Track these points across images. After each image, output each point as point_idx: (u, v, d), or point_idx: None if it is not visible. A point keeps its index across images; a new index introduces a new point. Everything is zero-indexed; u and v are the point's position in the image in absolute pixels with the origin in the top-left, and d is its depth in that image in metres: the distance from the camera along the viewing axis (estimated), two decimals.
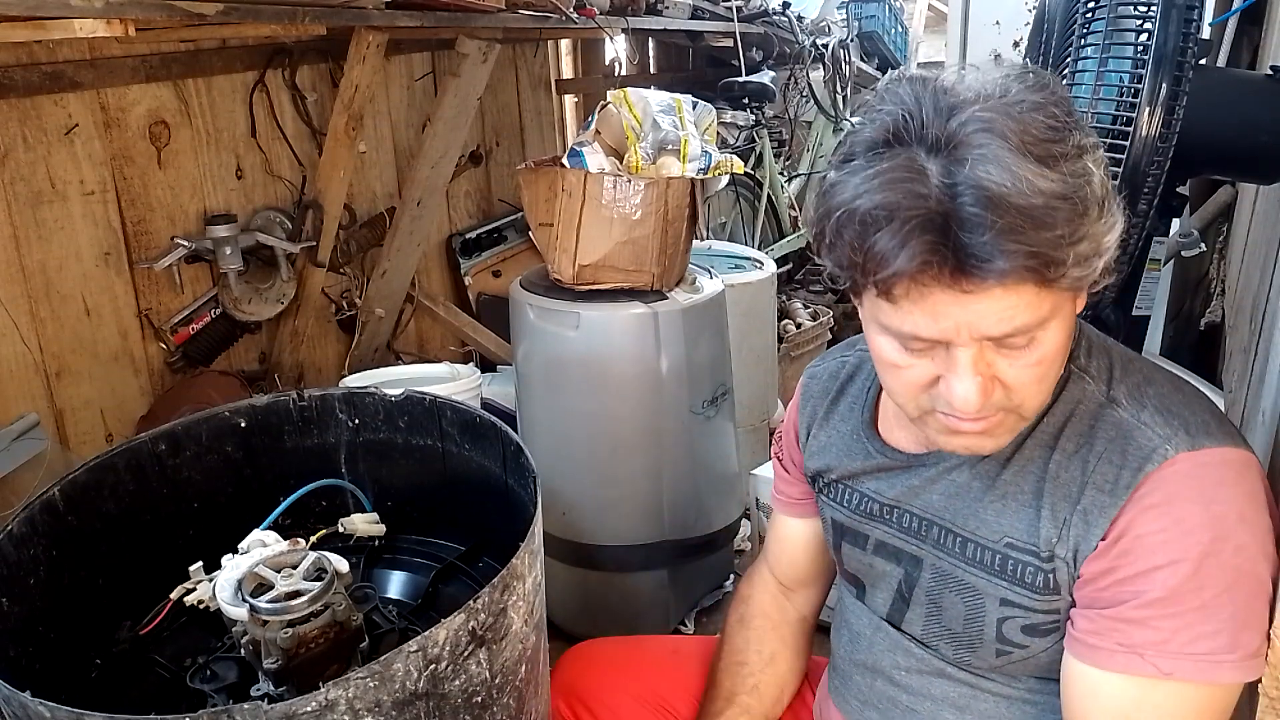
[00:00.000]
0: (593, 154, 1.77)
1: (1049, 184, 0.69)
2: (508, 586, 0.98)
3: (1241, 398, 1.59)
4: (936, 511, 0.92)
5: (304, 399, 1.37)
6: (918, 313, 0.74)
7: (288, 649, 0.99)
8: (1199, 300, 2.75)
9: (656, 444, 1.84)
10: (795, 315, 3.04)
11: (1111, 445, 0.82)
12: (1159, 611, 0.77)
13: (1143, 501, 0.78)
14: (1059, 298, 0.74)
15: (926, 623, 0.94)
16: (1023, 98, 0.72)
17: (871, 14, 4.88)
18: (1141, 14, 1.07)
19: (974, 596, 0.89)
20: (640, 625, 1.95)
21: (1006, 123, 0.70)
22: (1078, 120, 0.74)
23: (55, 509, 1.13)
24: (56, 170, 1.91)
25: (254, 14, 1.77)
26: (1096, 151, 0.74)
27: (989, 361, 0.75)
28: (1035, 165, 0.69)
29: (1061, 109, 0.73)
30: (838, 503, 1.04)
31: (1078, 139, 0.72)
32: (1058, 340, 0.76)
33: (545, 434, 1.89)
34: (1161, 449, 0.79)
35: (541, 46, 3.45)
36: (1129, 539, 0.78)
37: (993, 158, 0.69)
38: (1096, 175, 0.72)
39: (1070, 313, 0.78)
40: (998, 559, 0.86)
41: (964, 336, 0.73)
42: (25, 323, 1.89)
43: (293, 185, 2.42)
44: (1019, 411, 0.80)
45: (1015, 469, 0.86)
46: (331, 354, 2.68)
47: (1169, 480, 0.78)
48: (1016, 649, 0.87)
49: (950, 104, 0.72)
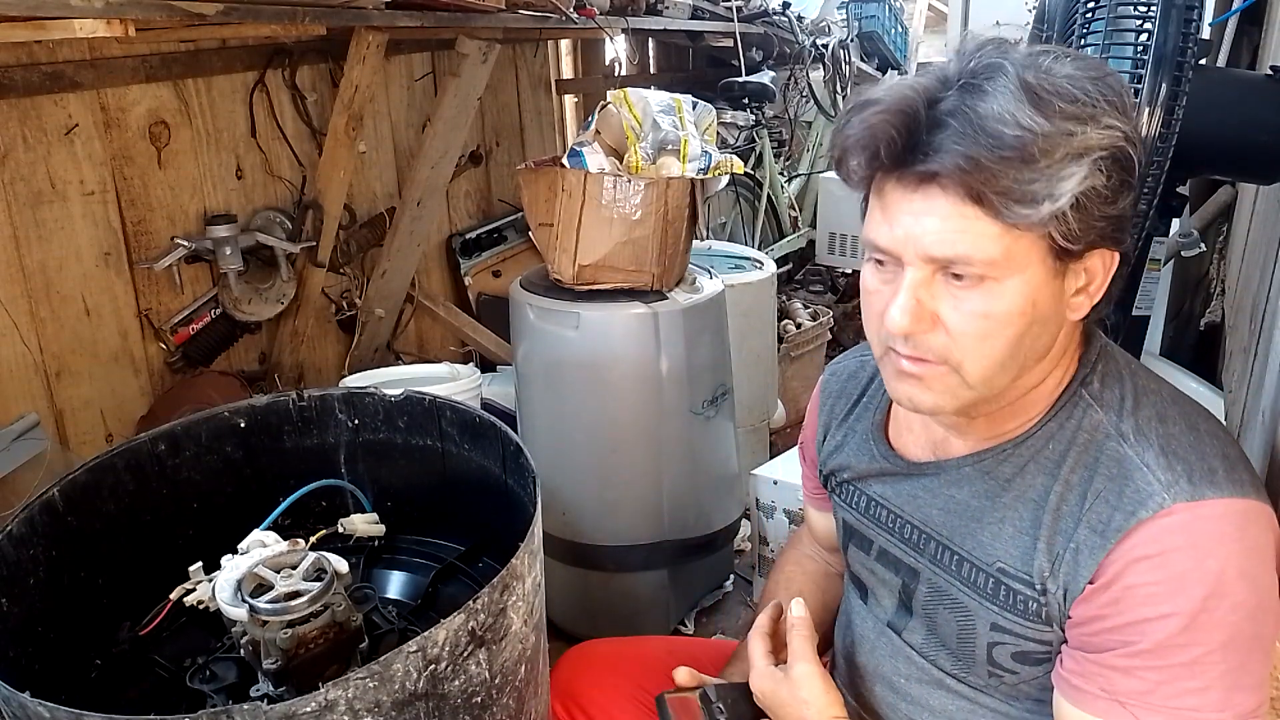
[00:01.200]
0: (593, 154, 1.77)
1: (1027, 120, 0.70)
2: (507, 587, 0.98)
3: (1241, 398, 1.59)
4: (935, 526, 0.91)
5: (304, 399, 1.37)
6: (879, 215, 0.78)
7: (287, 649, 1.00)
8: (1199, 300, 2.75)
9: (656, 444, 1.84)
10: (795, 315, 3.04)
11: (1110, 484, 0.78)
12: (1146, 663, 0.75)
13: (1134, 552, 0.75)
14: (1016, 247, 0.73)
15: (927, 634, 0.94)
16: (1062, 66, 0.73)
17: (871, 14, 4.88)
18: (1141, 14, 1.07)
19: (966, 616, 0.87)
20: (640, 625, 1.95)
21: (1027, 74, 0.72)
22: (1114, 106, 0.73)
23: (55, 509, 1.13)
24: (56, 170, 1.91)
25: (254, 14, 1.77)
26: (1111, 132, 0.72)
27: (934, 295, 0.76)
28: (1030, 107, 0.70)
29: (1099, 88, 0.73)
30: (848, 504, 1.03)
31: (1097, 114, 0.72)
32: (1012, 302, 0.75)
33: (545, 434, 1.89)
34: (1158, 497, 0.75)
35: (541, 46, 3.45)
36: (1118, 588, 0.76)
37: (993, 91, 0.71)
38: (1094, 143, 0.71)
39: (1039, 285, 0.75)
40: (990, 582, 0.85)
41: (910, 253, 0.75)
42: (25, 323, 1.89)
43: (293, 185, 2.42)
44: (959, 371, 0.78)
45: (1015, 493, 0.84)
46: (331, 354, 2.68)
47: (1164, 533, 0.75)
48: (1007, 673, 0.86)
49: (993, 53, 0.75)
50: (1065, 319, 0.80)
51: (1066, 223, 0.72)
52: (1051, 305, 0.78)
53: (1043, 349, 0.81)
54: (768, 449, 2.64)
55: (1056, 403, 0.84)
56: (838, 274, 4.02)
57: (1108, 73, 0.76)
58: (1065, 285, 0.78)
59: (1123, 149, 0.73)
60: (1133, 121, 0.75)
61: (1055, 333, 0.81)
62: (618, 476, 1.86)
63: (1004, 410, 0.85)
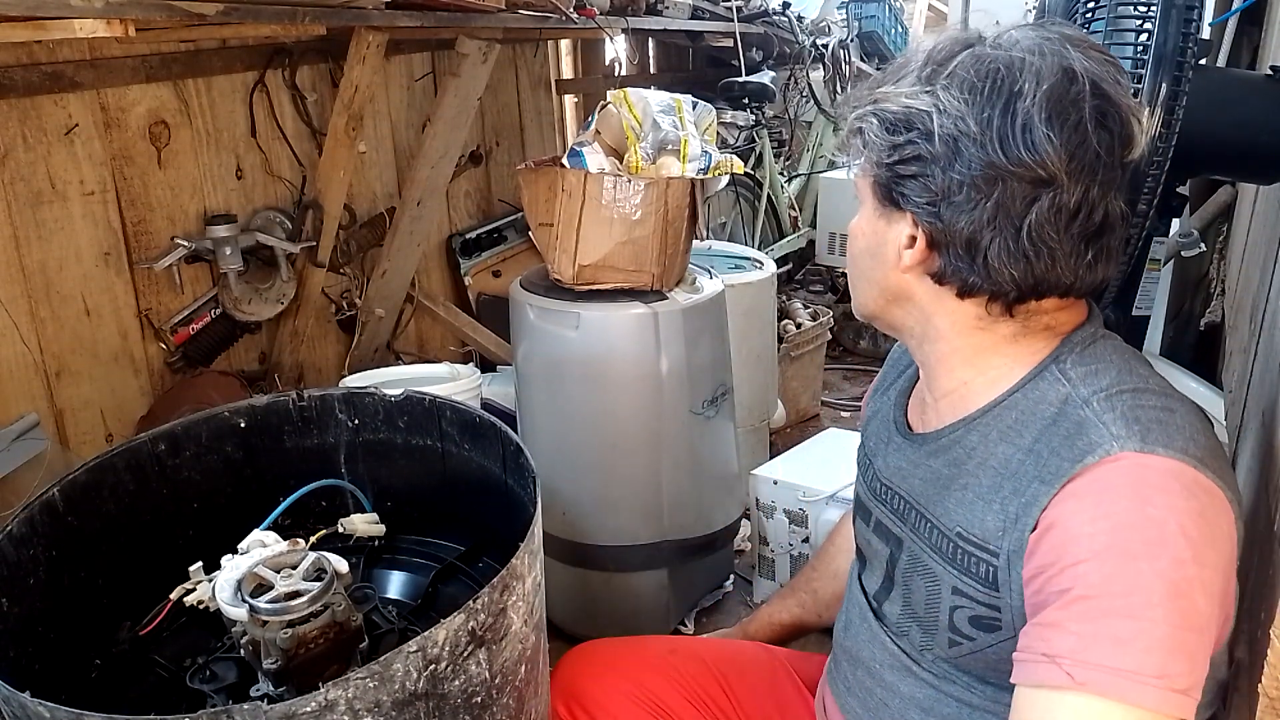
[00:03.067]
0: (593, 154, 1.77)
1: (907, 88, 0.82)
2: (507, 587, 0.98)
3: (1241, 398, 1.59)
4: (916, 496, 0.94)
5: (304, 399, 1.37)
6: None
7: (287, 649, 1.00)
8: (1199, 300, 2.75)
9: (656, 444, 1.84)
10: (795, 315, 3.04)
11: (1065, 441, 0.79)
12: (1080, 610, 0.72)
13: (1075, 493, 0.76)
14: (863, 182, 0.89)
15: (903, 605, 0.96)
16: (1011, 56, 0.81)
17: (871, 14, 4.88)
18: (1141, 14, 1.07)
19: (934, 581, 0.90)
20: (640, 625, 1.95)
21: (961, 58, 0.82)
22: (947, 87, 0.81)
23: (55, 509, 1.13)
24: (56, 170, 1.91)
25: (254, 14, 1.77)
26: (909, 100, 0.82)
27: None
28: (925, 84, 0.82)
29: (1025, 83, 0.79)
30: (861, 477, 1.08)
31: (1015, 104, 0.78)
32: (856, 222, 0.92)
33: (545, 434, 1.89)
34: (1107, 444, 0.76)
35: (541, 46, 3.45)
36: (1056, 532, 0.76)
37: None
38: (889, 96, 0.83)
39: (868, 218, 0.90)
40: (951, 547, 0.88)
41: None
42: (25, 323, 1.89)
43: (293, 185, 2.42)
44: (848, 268, 0.98)
45: (978, 460, 0.87)
46: (331, 354, 2.68)
47: (1106, 475, 0.75)
48: (965, 640, 0.87)
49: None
50: (899, 265, 0.88)
51: (861, 157, 0.87)
52: (874, 241, 0.90)
53: (884, 283, 0.91)
54: (768, 449, 2.64)
55: (1024, 377, 0.87)
56: (838, 274, 4.02)
57: (987, 66, 0.81)
58: (890, 232, 0.87)
59: (912, 117, 0.82)
60: (979, 115, 0.79)
61: (888, 272, 0.89)
62: (618, 476, 1.86)
63: (972, 385, 0.90)
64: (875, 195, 0.87)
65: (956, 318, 0.88)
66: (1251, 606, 0.87)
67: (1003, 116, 0.79)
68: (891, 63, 0.87)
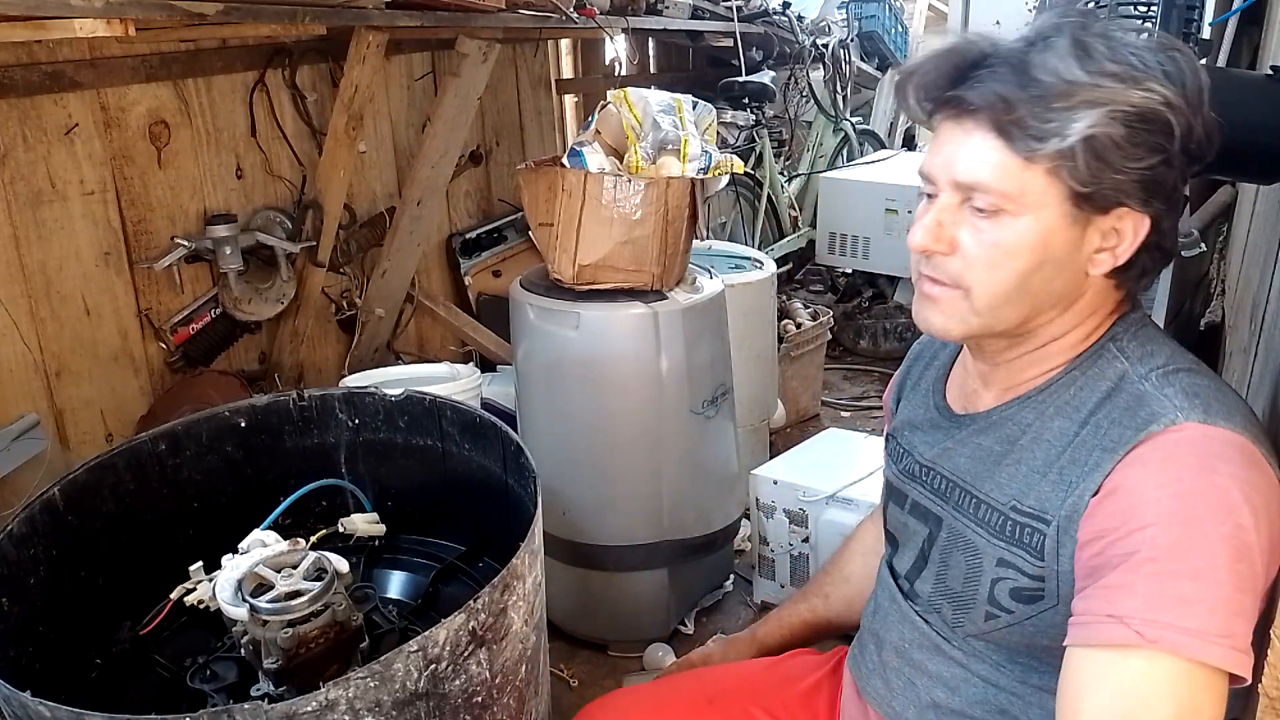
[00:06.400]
0: (593, 154, 1.77)
1: (1065, 70, 0.76)
2: (508, 586, 0.98)
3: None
4: (961, 474, 0.94)
5: (304, 399, 1.38)
6: (933, 145, 0.86)
7: (288, 649, 1.00)
8: (1199, 300, 2.75)
9: (656, 444, 1.84)
10: (795, 315, 3.04)
11: (1126, 412, 0.81)
12: (1148, 572, 0.73)
13: (1140, 459, 0.77)
14: (1032, 185, 0.79)
15: (936, 582, 0.96)
16: (1129, 36, 0.79)
17: (871, 14, 4.88)
18: (1141, 14, 1.07)
19: (975, 555, 0.90)
20: (640, 625, 1.95)
21: (1086, 34, 0.78)
22: (1169, 78, 0.77)
23: (55, 509, 1.13)
24: (56, 170, 1.91)
25: (254, 14, 1.77)
26: (1149, 95, 0.76)
27: (958, 222, 0.83)
28: (1074, 61, 0.76)
29: (1159, 59, 0.77)
30: (892, 459, 1.08)
31: (1140, 78, 0.76)
32: (1023, 236, 0.80)
33: (545, 434, 1.89)
34: (1171, 414, 0.77)
35: (541, 46, 3.45)
36: (1120, 495, 0.77)
37: (1049, 48, 0.78)
38: (1118, 98, 0.75)
39: (1053, 228, 0.80)
40: (1001, 520, 0.88)
41: (943, 178, 0.83)
42: (25, 323, 1.89)
43: (293, 185, 2.42)
44: (969, 296, 0.84)
45: (1033, 435, 0.87)
46: (331, 354, 2.68)
47: (1171, 443, 0.76)
48: (1004, 613, 0.88)
49: (1066, 12, 0.82)
50: (1084, 271, 0.83)
51: (1076, 164, 0.77)
52: (1065, 251, 0.81)
53: (1057, 294, 0.84)
54: (768, 449, 2.64)
55: (1081, 354, 0.87)
56: (838, 274, 4.02)
57: (1178, 51, 0.79)
58: (1086, 237, 0.81)
59: (1156, 112, 0.76)
60: (1189, 98, 0.78)
61: (1072, 281, 0.84)
62: (618, 476, 1.86)
63: (1024, 359, 0.89)
64: (1069, 201, 0.79)
65: (1086, 304, 0.86)
66: None
67: (1195, 93, 0.78)
68: (1025, 60, 0.79)
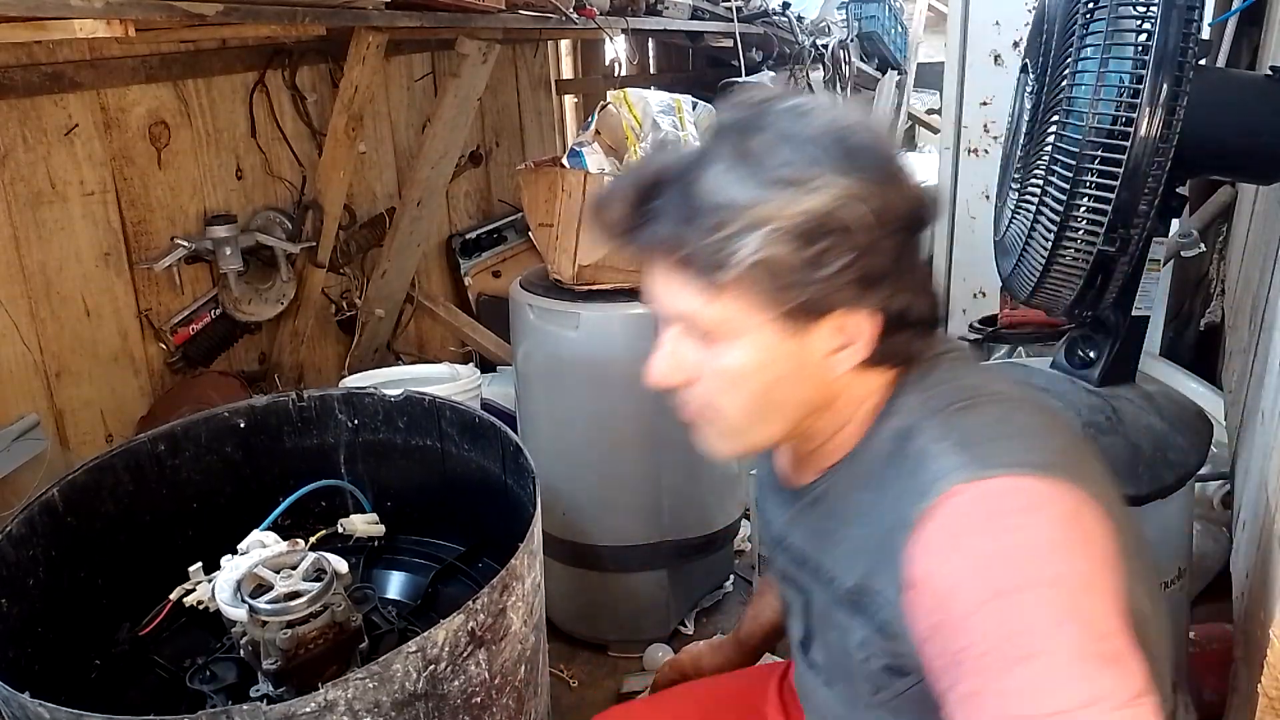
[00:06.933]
0: (593, 154, 1.77)
1: (731, 189, 0.73)
2: (507, 587, 0.98)
3: (1241, 398, 1.59)
4: (806, 548, 0.90)
5: (304, 399, 1.38)
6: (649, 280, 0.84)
7: (287, 650, 1.00)
8: (1199, 300, 2.75)
9: (656, 444, 1.84)
10: None
11: (910, 477, 0.75)
12: (987, 667, 0.65)
13: (928, 545, 0.70)
14: (730, 309, 0.76)
15: (825, 654, 0.91)
16: (800, 126, 0.75)
17: (871, 14, 4.88)
18: (1141, 14, 1.07)
19: (843, 633, 0.84)
20: (640, 625, 1.95)
21: (752, 140, 0.75)
22: (844, 170, 0.73)
23: (55, 510, 1.13)
24: (56, 170, 1.91)
25: (254, 14, 1.77)
26: (814, 198, 0.72)
27: (687, 350, 0.82)
28: (740, 174, 0.73)
29: (829, 151, 0.73)
30: (761, 524, 1.05)
31: (810, 179, 0.72)
32: (746, 359, 0.78)
33: (545, 434, 1.89)
34: (945, 478, 0.71)
35: (541, 47, 3.45)
36: (925, 589, 0.70)
37: (714, 159, 0.75)
38: (774, 214, 0.71)
39: (770, 345, 0.77)
40: (847, 596, 0.82)
41: (660, 311, 0.83)
42: (25, 323, 1.89)
43: (293, 186, 2.42)
44: (720, 421, 0.83)
45: (847, 513, 0.83)
46: (331, 354, 2.68)
47: (950, 516, 0.70)
48: (883, 689, 0.82)
49: (741, 112, 0.78)
50: (826, 375, 0.80)
51: (758, 288, 0.74)
52: (794, 364, 0.78)
53: (809, 401, 0.81)
54: None
55: (870, 427, 0.82)
56: None
57: (857, 125, 0.76)
58: (808, 345, 0.78)
59: (830, 215, 0.72)
60: (875, 177, 0.74)
61: (818, 385, 0.80)
62: (618, 476, 1.86)
63: (819, 450, 0.86)
64: (784, 320, 0.76)
65: (858, 387, 0.82)
66: (1251, 607, 0.87)
67: (879, 171, 0.75)
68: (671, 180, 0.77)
